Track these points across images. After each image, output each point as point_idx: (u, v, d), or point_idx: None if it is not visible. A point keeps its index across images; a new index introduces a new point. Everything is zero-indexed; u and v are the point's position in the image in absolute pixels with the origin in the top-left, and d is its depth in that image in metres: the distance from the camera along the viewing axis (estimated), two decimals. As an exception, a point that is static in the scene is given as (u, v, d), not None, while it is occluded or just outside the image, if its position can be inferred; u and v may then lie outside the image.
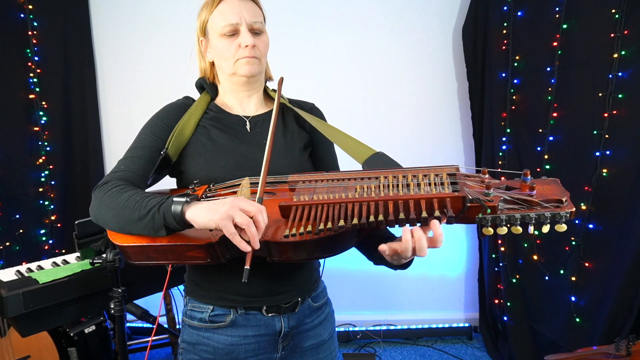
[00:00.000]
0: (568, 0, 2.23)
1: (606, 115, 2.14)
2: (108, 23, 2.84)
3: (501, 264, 2.63)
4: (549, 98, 2.35)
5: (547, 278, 2.44)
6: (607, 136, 2.14)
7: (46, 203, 2.84)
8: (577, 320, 2.30)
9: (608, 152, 2.15)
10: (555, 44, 2.30)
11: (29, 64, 2.74)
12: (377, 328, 2.98)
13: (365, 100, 2.87)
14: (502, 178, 0.98)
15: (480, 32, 2.60)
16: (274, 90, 1.19)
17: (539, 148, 2.42)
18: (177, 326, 2.65)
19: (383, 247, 0.86)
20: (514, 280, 2.59)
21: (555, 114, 2.35)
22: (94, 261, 1.65)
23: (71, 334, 2.06)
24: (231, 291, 1.06)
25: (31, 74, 2.75)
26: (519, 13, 2.44)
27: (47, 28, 2.76)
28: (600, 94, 2.15)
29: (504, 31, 2.49)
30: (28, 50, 2.73)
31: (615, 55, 2.09)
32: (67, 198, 2.92)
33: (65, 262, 1.83)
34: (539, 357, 2.27)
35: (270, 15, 1.16)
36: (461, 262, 3.01)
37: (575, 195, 2.09)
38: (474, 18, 2.59)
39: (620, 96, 2.10)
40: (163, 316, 2.70)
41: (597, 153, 2.18)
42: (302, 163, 1.13)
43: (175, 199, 0.87)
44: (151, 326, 2.72)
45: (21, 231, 2.74)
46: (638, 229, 2.03)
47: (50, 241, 2.86)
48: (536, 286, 2.52)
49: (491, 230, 0.82)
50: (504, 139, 2.57)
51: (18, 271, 1.71)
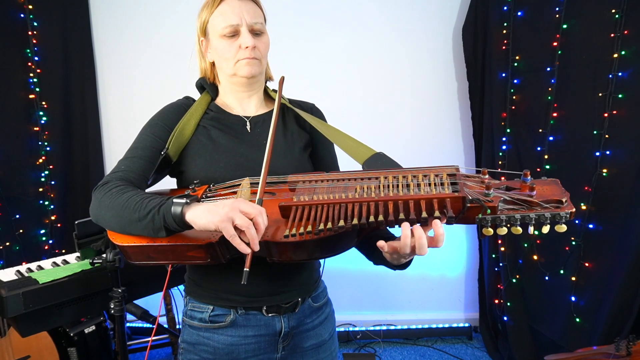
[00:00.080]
0: (568, 0, 2.23)
1: (606, 115, 2.14)
2: (108, 23, 2.84)
3: (501, 264, 2.63)
4: (549, 98, 2.35)
5: (547, 278, 2.44)
6: (607, 136, 2.15)
7: (46, 203, 2.84)
8: (577, 320, 2.30)
9: (608, 152, 2.15)
10: (555, 44, 2.30)
11: (29, 64, 2.74)
12: (377, 328, 2.98)
13: (365, 100, 2.87)
14: (502, 178, 0.98)
15: (480, 32, 2.60)
16: (274, 90, 1.19)
17: (539, 148, 2.42)
18: (177, 326, 2.65)
19: (381, 243, 0.86)
20: (514, 280, 2.59)
21: (555, 114, 2.35)
22: (94, 261, 1.65)
23: (71, 334, 2.05)
24: (231, 291, 1.06)
25: (31, 74, 2.75)
26: (519, 13, 2.44)
27: (47, 28, 2.76)
28: (600, 94, 2.15)
29: (504, 31, 2.49)
30: (28, 50, 2.73)
31: (615, 55, 2.09)
32: (67, 198, 2.92)
33: (65, 262, 1.83)
34: (539, 357, 2.27)
35: (270, 15, 1.16)
36: (461, 262, 3.01)
37: (575, 195, 2.10)
38: (474, 18, 2.59)
39: (620, 96, 2.10)
40: (163, 316, 2.70)
41: (597, 153, 2.18)
42: (302, 163, 1.13)
43: (175, 200, 0.87)
44: (151, 326, 2.72)
45: (21, 231, 2.74)
46: (638, 229, 2.03)
47: (50, 241, 2.86)
48: (536, 286, 2.52)
49: (491, 230, 0.82)
50: (504, 139, 2.57)
51: (18, 271, 1.71)
